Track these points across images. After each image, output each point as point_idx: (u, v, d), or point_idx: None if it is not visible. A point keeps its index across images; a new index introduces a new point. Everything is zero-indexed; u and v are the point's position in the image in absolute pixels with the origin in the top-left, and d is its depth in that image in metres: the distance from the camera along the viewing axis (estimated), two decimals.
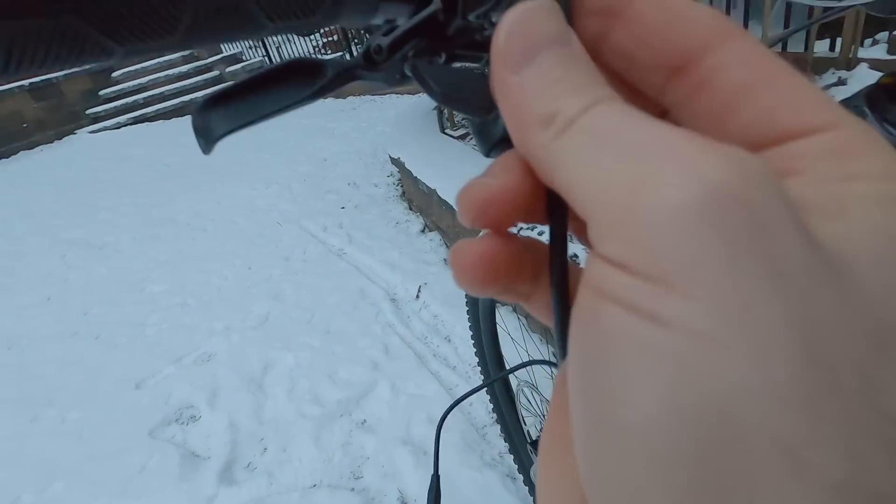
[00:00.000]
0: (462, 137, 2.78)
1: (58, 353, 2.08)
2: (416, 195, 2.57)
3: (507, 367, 1.08)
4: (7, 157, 6.89)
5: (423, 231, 2.51)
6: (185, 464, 1.40)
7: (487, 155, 0.20)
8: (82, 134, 7.41)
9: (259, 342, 1.87)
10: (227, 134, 0.19)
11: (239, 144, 5.25)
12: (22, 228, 3.75)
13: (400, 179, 3.13)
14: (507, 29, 0.12)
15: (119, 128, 7.43)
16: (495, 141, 0.19)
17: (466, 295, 0.99)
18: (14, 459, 1.53)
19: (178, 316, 2.20)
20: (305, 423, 1.44)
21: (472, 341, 1.07)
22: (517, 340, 1.12)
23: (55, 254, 3.19)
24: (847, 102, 0.32)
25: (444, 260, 2.19)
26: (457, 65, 0.18)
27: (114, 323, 2.24)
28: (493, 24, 0.17)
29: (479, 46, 0.18)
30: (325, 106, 6.27)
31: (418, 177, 2.32)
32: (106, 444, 1.53)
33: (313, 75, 0.17)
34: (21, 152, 7.06)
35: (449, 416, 1.37)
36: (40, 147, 7.17)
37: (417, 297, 1.96)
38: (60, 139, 7.39)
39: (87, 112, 7.69)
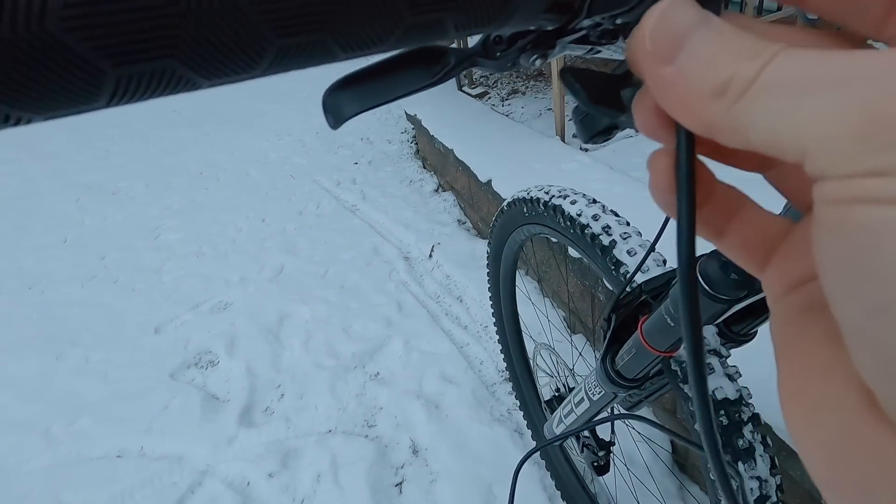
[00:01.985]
0: (480, 96, 2.72)
1: (78, 295, 2.14)
2: (432, 154, 2.55)
3: (524, 329, 1.11)
4: None
5: (436, 191, 2.51)
6: (205, 405, 1.46)
7: (587, 142, 0.21)
8: None
9: (274, 294, 1.91)
10: (356, 115, 0.21)
11: (249, 94, 5.15)
12: (36, 170, 3.76)
13: (414, 136, 3.09)
14: (649, 33, 0.13)
15: None
16: (597, 131, 0.20)
17: (488, 256, 1.00)
18: (43, 394, 1.61)
19: (193, 264, 2.24)
20: (321, 373, 1.50)
21: (491, 302, 1.09)
22: (537, 304, 1.14)
23: (69, 197, 3.21)
24: None
25: (458, 221, 2.20)
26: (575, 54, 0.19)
27: (131, 268, 2.29)
28: (615, 23, 0.17)
29: (589, 41, 0.19)
30: None
31: (435, 136, 2.29)
32: (129, 383, 1.60)
33: (437, 61, 0.18)
34: None
35: (460, 373, 1.41)
36: None
37: (430, 256, 1.98)
38: None
39: None
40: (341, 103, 0.21)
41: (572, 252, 1.29)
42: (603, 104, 0.17)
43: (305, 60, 0.13)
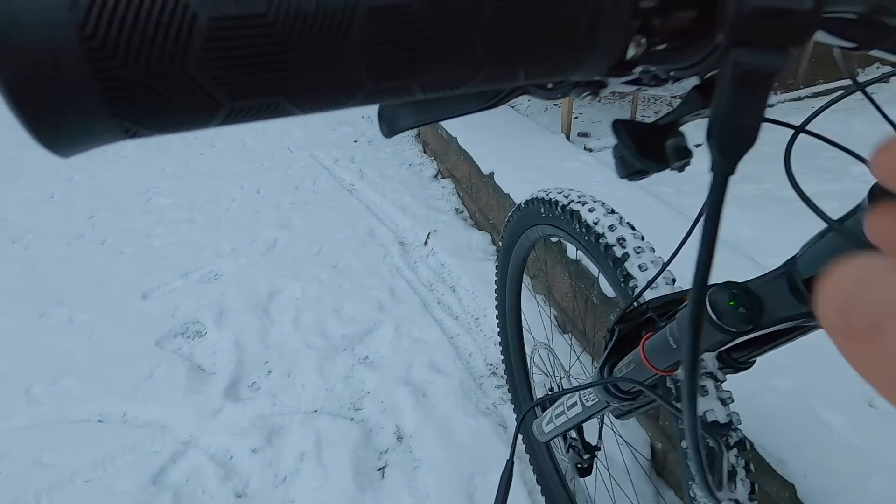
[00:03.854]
0: None
1: (64, 252, 2.10)
2: (433, 139, 2.53)
3: (524, 325, 1.12)
4: None
5: (435, 177, 2.49)
6: (191, 376, 1.46)
7: (623, 178, 0.22)
8: None
9: (266, 268, 1.90)
10: (410, 128, 0.21)
11: None
12: None
13: None
14: (838, 307, 0.11)
15: None
16: (634, 171, 0.21)
17: (499, 249, 1.01)
18: (25, 351, 1.59)
19: (185, 231, 2.20)
20: (310, 352, 1.50)
21: (496, 295, 1.10)
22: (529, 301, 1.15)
23: None
24: None
25: (455, 209, 2.19)
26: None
27: (120, 230, 2.25)
28: (668, 74, 0.18)
29: (640, 83, 0.20)
30: None
31: (441, 122, 2.27)
32: (114, 347, 1.59)
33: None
34: None
35: (449, 363, 1.43)
36: None
37: (426, 243, 1.98)
38: None
39: None
40: (398, 115, 0.22)
41: (571, 254, 1.29)
42: (649, 157, 0.18)
43: (390, 98, 0.15)
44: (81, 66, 0.10)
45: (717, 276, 0.47)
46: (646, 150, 0.18)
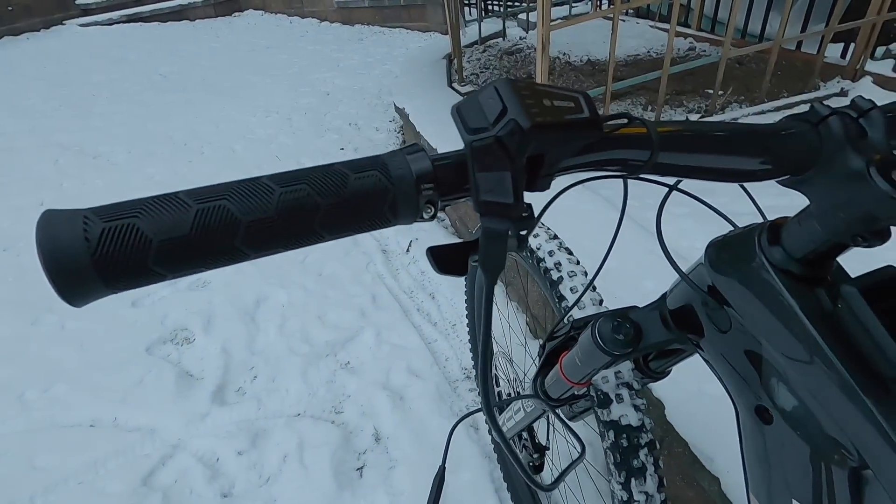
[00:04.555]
0: (469, 94, 2.77)
1: None
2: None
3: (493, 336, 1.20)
4: None
5: None
6: (180, 381, 1.52)
7: (439, 273, 0.30)
8: (71, 26, 7.02)
9: (253, 276, 1.96)
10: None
11: (240, 64, 5.07)
12: (11, 125, 3.67)
13: (402, 127, 3.13)
14: None
15: (111, 24, 7.05)
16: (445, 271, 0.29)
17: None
18: (18, 358, 1.64)
19: None
20: (294, 358, 1.57)
21: (466, 305, 1.17)
22: (502, 309, 1.23)
23: (48, 157, 3.17)
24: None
25: (437, 218, 2.27)
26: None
27: None
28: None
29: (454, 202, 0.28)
30: (332, 32, 6.01)
31: (421, 132, 2.34)
32: (105, 355, 1.65)
33: None
34: (5, 37, 6.69)
35: (426, 368, 1.50)
36: (26, 35, 6.79)
37: (408, 251, 2.05)
38: (48, 28, 7.00)
39: (77, 2, 7.25)
40: None
41: None
42: (448, 272, 0.28)
43: (269, 255, 0.24)
44: (92, 272, 0.20)
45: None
46: (449, 266, 0.27)
